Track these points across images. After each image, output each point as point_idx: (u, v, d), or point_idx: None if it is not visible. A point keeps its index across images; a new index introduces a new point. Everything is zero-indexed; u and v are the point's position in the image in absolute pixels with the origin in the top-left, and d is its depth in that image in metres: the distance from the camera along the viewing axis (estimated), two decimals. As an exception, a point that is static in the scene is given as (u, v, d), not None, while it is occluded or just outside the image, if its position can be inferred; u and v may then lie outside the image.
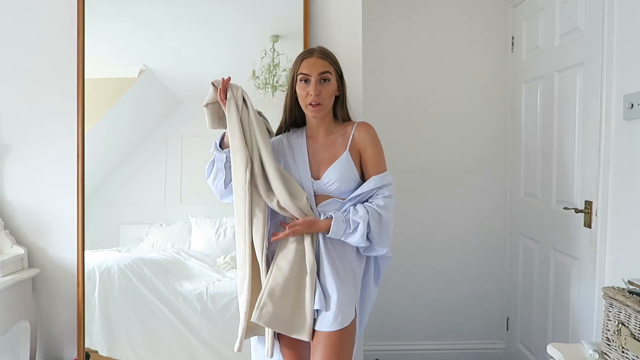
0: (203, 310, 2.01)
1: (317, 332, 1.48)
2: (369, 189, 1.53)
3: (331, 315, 1.44)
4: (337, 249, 1.52)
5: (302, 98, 1.56)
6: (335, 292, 1.46)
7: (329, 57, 1.58)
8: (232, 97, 1.52)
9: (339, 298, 1.45)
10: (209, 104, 1.55)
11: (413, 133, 2.71)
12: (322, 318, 1.46)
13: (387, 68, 2.68)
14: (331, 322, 1.44)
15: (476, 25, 2.69)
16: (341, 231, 1.48)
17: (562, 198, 2.13)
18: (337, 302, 1.45)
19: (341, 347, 1.46)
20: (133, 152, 2.17)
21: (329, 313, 1.45)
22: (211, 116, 1.57)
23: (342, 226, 1.48)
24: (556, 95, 2.17)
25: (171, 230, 2.18)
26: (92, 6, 1.98)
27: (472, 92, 2.71)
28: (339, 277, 1.48)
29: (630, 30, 1.68)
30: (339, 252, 1.53)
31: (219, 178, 1.59)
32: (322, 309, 1.45)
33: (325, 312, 1.45)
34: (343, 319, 1.45)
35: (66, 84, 2.00)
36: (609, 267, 1.79)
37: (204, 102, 1.55)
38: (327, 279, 1.48)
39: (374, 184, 1.54)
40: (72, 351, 2.06)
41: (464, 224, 2.74)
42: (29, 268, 2.00)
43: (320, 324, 1.46)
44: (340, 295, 1.46)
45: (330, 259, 1.49)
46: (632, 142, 1.67)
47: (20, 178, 2.03)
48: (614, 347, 1.32)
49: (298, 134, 1.65)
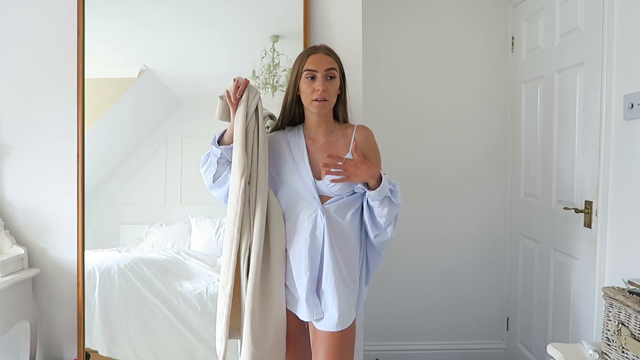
0: (203, 310, 2.00)
1: (319, 332, 1.48)
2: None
3: (335, 316, 1.45)
4: (340, 245, 1.51)
5: (307, 94, 1.54)
6: (336, 292, 1.46)
7: (334, 55, 1.58)
8: (245, 100, 1.50)
9: (340, 298, 1.46)
10: (223, 96, 1.54)
11: (413, 133, 2.71)
12: (325, 318, 1.47)
13: (387, 68, 2.68)
14: (336, 323, 1.45)
15: (476, 25, 2.69)
16: (387, 188, 1.46)
17: (562, 198, 2.13)
18: (338, 303, 1.45)
19: (345, 347, 1.47)
20: (133, 152, 2.16)
21: (333, 313, 1.45)
22: (222, 108, 1.56)
23: (386, 185, 1.46)
24: (556, 95, 2.17)
25: (171, 230, 2.18)
26: (92, 6, 1.98)
27: (472, 92, 2.71)
28: (341, 276, 1.48)
29: (630, 30, 1.68)
30: (343, 249, 1.51)
31: (210, 171, 1.59)
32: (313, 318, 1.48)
33: (329, 312, 1.46)
34: (346, 319, 1.46)
35: (66, 84, 2.00)
36: (609, 267, 1.80)
37: (220, 93, 1.54)
38: (328, 277, 1.48)
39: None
40: (72, 351, 2.06)
41: (464, 224, 2.74)
42: (29, 268, 2.00)
43: (324, 324, 1.47)
44: (343, 295, 1.47)
45: (334, 256, 1.49)
46: (632, 142, 1.67)
47: (20, 178, 2.04)
48: (614, 347, 1.32)
49: (295, 133, 1.63)
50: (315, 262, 1.50)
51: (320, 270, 1.50)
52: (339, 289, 1.47)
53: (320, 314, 1.49)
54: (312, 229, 1.50)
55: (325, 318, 1.47)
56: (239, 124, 1.49)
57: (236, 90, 1.49)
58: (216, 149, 1.55)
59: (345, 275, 1.50)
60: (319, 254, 1.50)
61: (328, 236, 1.49)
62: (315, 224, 1.50)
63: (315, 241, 1.50)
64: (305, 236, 1.50)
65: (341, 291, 1.47)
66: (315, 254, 1.50)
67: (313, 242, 1.50)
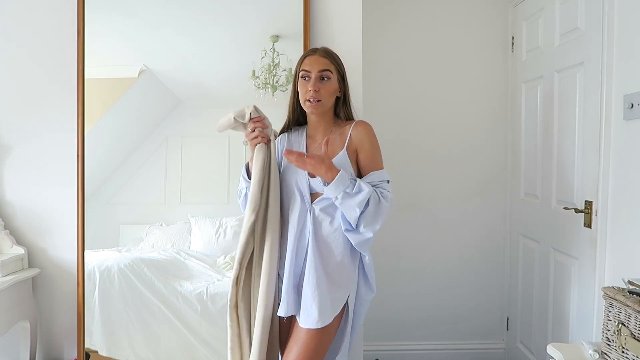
0: (203, 310, 2.00)
1: (299, 328, 1.49)
2: (368, 181, 1.53)
3: (315, 313, 1.45)
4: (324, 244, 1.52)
5: (302, 95, 1.57)
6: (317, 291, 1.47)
7: (331, 57, 1.59)
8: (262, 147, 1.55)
9: (321, 296, 1.47)
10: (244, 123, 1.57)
11: (413, 132, 2.71)
12: (304, 314, 1.48)
13: (387, 68, 2.68)
14: (316, 320, 1.45)
15: (476, 25, 2.69)
16: (342, 186, 1.43)
17: (562, 198, 2.13)
18: (319, 301, 1.46)
19: (319, 345, 1.48)
20: (133, 152, 2.17)
21: (313, 311, 1.46)
22: (226, 126, 1.59)
23: (346, 182, 1.44)
24: (556, 95, 2.17)
25: (171, 230, 2.18)
26: (92, 6, 1.98)
27: (472, 92, 2.71)
28: (325, 274, 1.49)
29: (630, 30, 1.68)
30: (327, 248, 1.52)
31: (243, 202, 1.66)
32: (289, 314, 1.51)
33: (309, 310, 1.47)
34: (326, 317, 1.47)
35: (66, 84, 2.00)
36: (609, 267, 1.79)
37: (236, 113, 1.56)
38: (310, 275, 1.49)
39: (372, 178, 1.53)
40: (72, 351, 2.06)
41: (464, 224, 2.74)
42: (29, 268, 2.00)
43: (304, 321, 1.48)
44: (324, 293, 1.47)
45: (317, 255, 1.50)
46: (632, 142, 1.67)
47: (20, 178, 2.04)
48: (614, 347, 1.32)
49: (299, 132, 1.67)
50: (299, 259, 1.54)
51: (304, 267, 1.53)
52: (320, 287, 1.47)
53: (295, 311, 1.51)
54: (302, 226, 1.54)
55: (305, 314, 1.48)
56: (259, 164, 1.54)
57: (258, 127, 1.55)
58: (247, 182, 1.60)
59: (331, 273, 1.50)
60: (304, 251, 1.54)
61: (313, 234, 1.52)
62: (304, 222, 1.54)
63: (302, 238, 1.54)
64: (294, 233, 1.54)
65: (322, 289, 1.47)
66: (300, 251, 1.54)
67: (300, 239, 1.54)
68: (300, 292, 1.52)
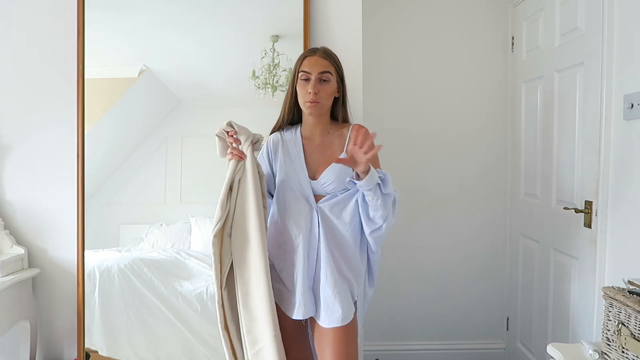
0: (203, 310, 2.00)
1: (324, 329, 1.50)
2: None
3: (339, 311, 1.46)
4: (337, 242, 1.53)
5: (301, 96, 1.57)
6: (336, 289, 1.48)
7: (331, 58, 1.59)
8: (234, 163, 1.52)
9: (341, 293, 1.48)
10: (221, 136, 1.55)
11: (413, 133, 2.71)
12: (327, 314, 1.48)
13: (387, 68, 2.68)
14: (340, 317, 1.46)
15: (476, 25, 2.69)
16: (376, 176, 1.41)
17: (562, 198, 2.13)
18: (340, 298, 1.47)
19: (351, 340, 1.50)
20: (133, 152, 2.16)
21: (336, 309, 1.47)
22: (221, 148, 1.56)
23: (376, 174, 1.43)
24: (556, 95, 2.17)
25: (171, 230, 2.18)
26: (92, 6, 1.98)
27: (472, 92, 2.71)
28: (340, 272, 1.50)
29: (630, 30, 1.69)
30: (339, 246, 1.53)
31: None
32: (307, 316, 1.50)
33: (332, 309, 1.47)
34: (348, 313, 1.48)
35: (66, 84, 2.00)
36: (609, 267, 1.80)
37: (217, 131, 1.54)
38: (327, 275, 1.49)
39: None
40: (72, 351, 2.06)
41: (464, 224, 2.74)
42: (29, 268, 2.00)
43: (330, 320, 1.48)
44: (343, 290, 1.49)
45: (331, 253, 1.50)
46: (632, 142, 1.67)
47: (20, 178, 2.04)
48: (614, 347, 1.32)
49: (293, 133, 1.65)
50: (312, 259, 1.53)
51: (317, 267, 1.53)
52: (338, 286, 1.48)
53: (313, 312, 1.51)
54: (309, 227, 1.53)
55: (329, 314, 1.48)
56: (227, 179, 1.51)
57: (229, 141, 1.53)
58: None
59: (345, 270, 1.51)
60: (315, 251, 1.53)
61: (324, 234, 1.51)
62: (311, 222, 1.54)
63: (312, 239, 1.53)
64: (302, 234, 1.53)
65: (341, 287, 1.49)
66: (311, 252, 1.53)
67: (309, 240, 1.53)
68: (314, 293, 1.53)
